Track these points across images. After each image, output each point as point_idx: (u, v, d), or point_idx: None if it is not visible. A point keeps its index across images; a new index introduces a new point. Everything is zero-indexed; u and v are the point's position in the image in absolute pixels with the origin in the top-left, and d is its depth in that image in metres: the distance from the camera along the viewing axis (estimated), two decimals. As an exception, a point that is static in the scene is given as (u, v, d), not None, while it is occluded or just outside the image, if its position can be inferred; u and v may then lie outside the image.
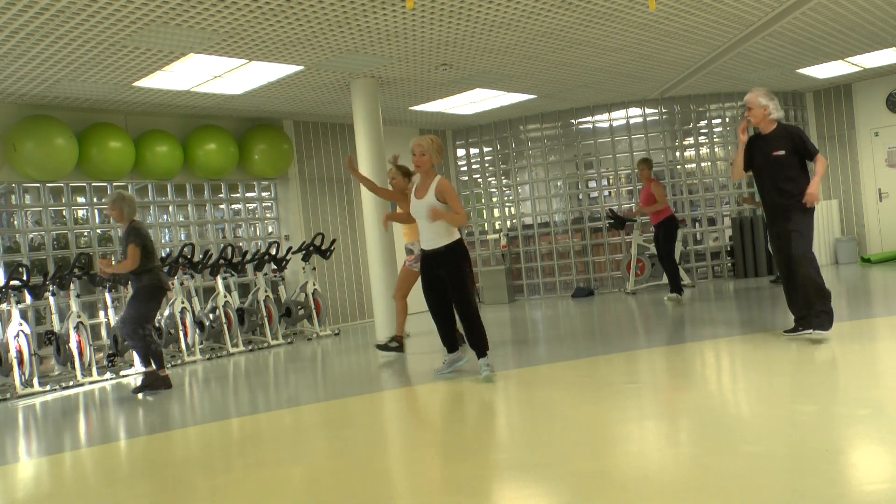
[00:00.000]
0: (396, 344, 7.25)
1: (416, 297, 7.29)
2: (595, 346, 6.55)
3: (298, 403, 5.41)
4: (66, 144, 8.22)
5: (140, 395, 6.47)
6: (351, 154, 10.60)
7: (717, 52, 9.19)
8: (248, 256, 9.34)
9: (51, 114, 8.34)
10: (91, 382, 7.50)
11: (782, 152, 5.53)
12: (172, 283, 8.66)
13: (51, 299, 7.74)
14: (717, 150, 12.31)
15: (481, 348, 5.40)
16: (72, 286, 7.67)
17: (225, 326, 8.67)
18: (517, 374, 5.60)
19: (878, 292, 8.28)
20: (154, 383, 6.54)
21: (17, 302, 7.34)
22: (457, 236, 5.45)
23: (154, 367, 6.54)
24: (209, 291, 9.48)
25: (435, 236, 5.40)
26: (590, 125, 12.19)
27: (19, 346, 7.12)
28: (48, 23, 5.84)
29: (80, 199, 9.03)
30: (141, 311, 6.55)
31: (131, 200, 6.65)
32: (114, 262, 6.68)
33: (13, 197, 8.53)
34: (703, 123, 12.11)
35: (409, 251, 7.15)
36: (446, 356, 5.83)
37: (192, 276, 8.89)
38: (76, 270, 7.93)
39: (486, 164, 12.93)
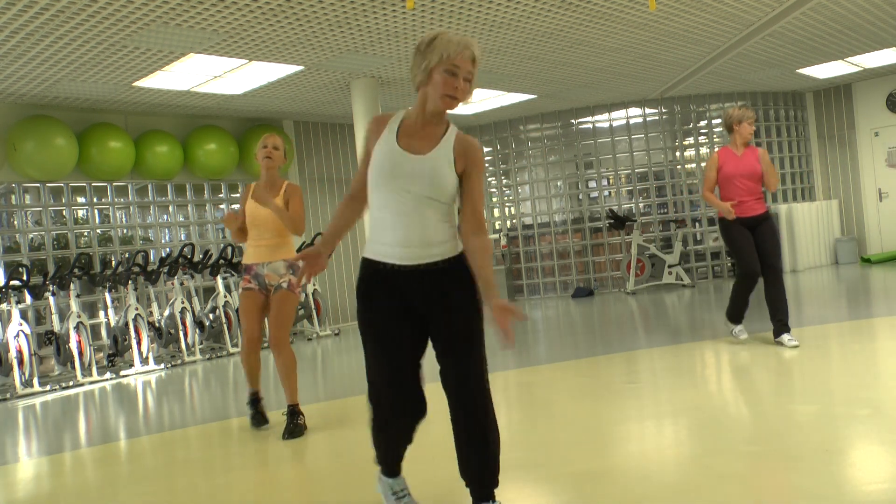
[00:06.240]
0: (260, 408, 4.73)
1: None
2: (595, 346, 6.55)
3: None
4: (66, 144, 8.22)
5: None
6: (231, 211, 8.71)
7: (717, 52, 9.19)
8: (248, 256, 9.33)
9: (51, 114, 8.34)
10: (91, 382, 7.50)
11: None
12: (172, 283, 8.66)
13: (51, 299, 7.75)
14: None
15: (495, 479, 2.63)
16: (72, 286, 7.69)
17: (225, 326, 8.67)
18: (517, 374, 5.60)
19: (878, 292, 8.28)
20: None
21: (17, 302, 7.34)
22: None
23: None
24: (209, 291, 9.48)
25: (426, 236, 2.60)
26: (590, 125, 12.19)
27: (19, 346, 7.12)
28: (48, 23, 5.84)
29: (80, 199, 9.03)
30: None
31: None
32: None
33: (13, 197, 8.52)
34: (703, 123, 12.10)
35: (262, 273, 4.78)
36: (392, 486, 2.95)
37: (192, 276, 8.89)
38: (76, 270, 7.94)
39: (486, 164, 12.93)
